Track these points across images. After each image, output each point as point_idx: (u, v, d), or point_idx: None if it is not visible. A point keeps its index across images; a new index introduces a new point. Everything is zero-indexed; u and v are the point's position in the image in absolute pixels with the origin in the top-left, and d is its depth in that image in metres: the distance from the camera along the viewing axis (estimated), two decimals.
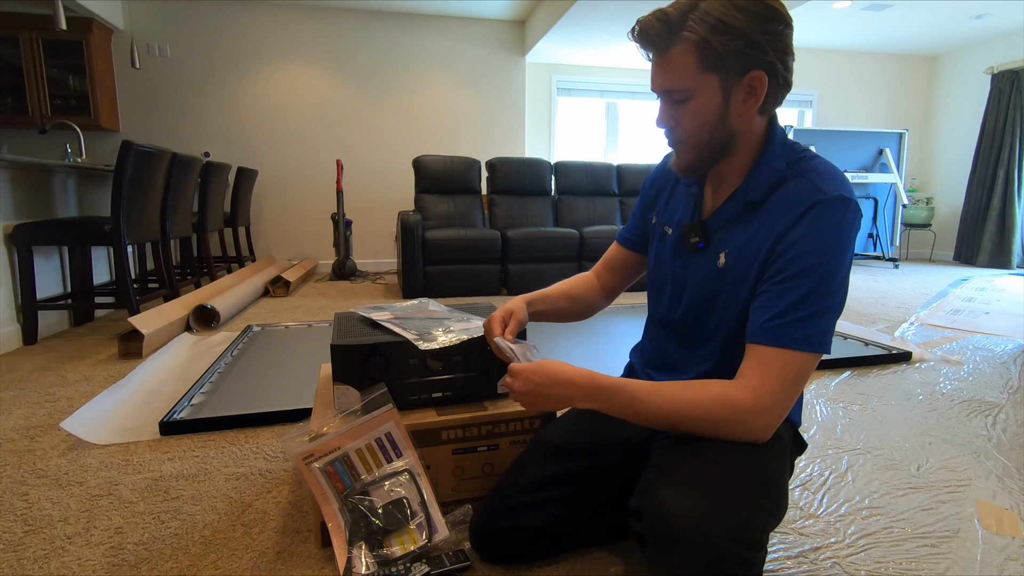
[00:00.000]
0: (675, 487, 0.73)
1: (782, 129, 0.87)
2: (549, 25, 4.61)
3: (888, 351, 2.32)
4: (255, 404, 1.73)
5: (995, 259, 5.63)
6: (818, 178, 0.80)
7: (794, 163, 0.84)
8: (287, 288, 3.89)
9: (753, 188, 0.85)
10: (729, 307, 0.87)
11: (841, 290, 0.79)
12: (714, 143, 0.83)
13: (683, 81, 0.79)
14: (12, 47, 4.11)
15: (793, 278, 0.77)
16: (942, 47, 6.11)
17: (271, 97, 4.96)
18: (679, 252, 0.95)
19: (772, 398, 0.76)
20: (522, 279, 3.96)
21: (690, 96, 0.79)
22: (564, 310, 1.12)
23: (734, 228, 0.87)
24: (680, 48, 0.77)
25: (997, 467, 1.38)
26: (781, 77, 0.79)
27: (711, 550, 0.67)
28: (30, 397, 1.85)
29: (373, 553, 0.92)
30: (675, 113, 0.82)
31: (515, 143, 5.51)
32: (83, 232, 2.54)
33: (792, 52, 0.79)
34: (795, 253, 0.78)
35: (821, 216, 0.77)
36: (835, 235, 0.77)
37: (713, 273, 0.89)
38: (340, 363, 1.04)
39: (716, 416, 0.78)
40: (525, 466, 1.01)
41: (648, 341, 1.07)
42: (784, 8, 0.78)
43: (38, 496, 1.23)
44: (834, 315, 0.79)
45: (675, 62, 0.78)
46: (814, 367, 0.79)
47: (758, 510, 0.73)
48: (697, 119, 0.81)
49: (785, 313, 0.77)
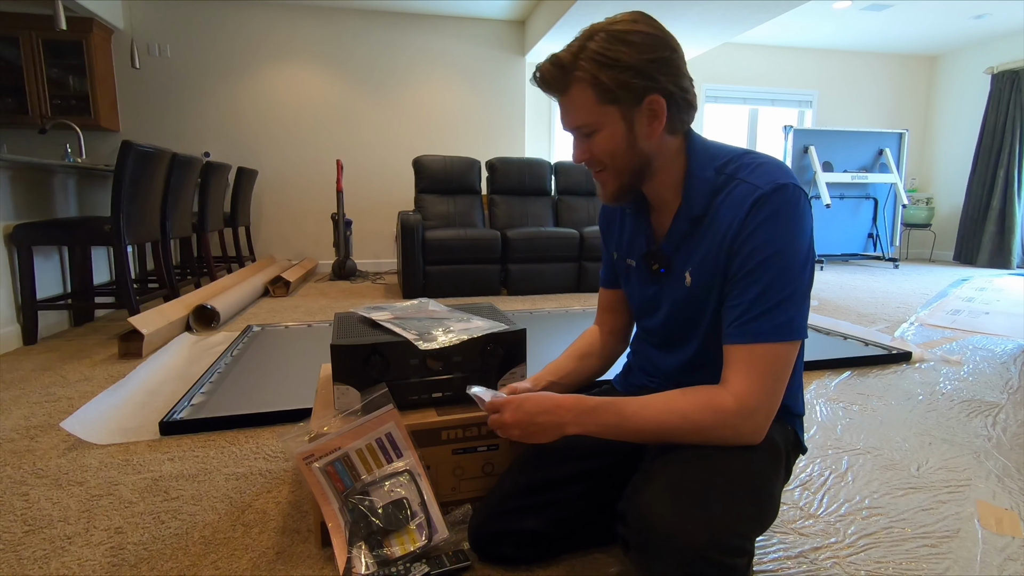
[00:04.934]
0: (657, 492, 0.74)
1: (700, 139, 0.89)
2: (549, 25, 4.61)
3: (888, 351, 2.32)
4: (255, 404, 1.73)
5: (995, 259, 5.63)
6: (751, 175, 0.82)
7: (723, 167, 0.86)
8: (287, 288, 3.89)
9: (691, 203, 0.87)
10: (704, 316, 0.89)
11: (802, 274, 0.80)
12: (631, 168, 0.86)
13: (586, 116, 0.83)
14: (12, 47, 4.11)
15: (751, 274, 0.79)
16: (942, 47, 6.12)
17: (271, 97, 4.96)
18: (648, 279, 0.97)
19: (755, 397, 0.78)
20: (522, 279, 3.96)
21: (596, 129, 0.84)
22: (576, 370, 1.10)
23: (688, 245, 0.89)
24: (576, 88, 0.82)
25: (997, 467, 1.38)
26: (679, 98, 0.83)
27: (689, 555, 0.67)
28: (30, 397, 1.85)
29: (373, 553, 0.92)
30: (587, 146, 0.86)
31: (515, 143, 5.51)
32: (83, 232, 2.54)
33: (685, 74, 0.83)
34: (748, 250, 0.80)
35: (763, 209, 0.79)
36: (781, 223, 0.79)
37: (683, 293, 0.91)
38: (340, 363, 1.04)
39: (703, 423, 0.79)
40: (523, 468, 1.01)
41: (637, 346, 1.10)
42: (668, 35, 0.82)
43: (38, 496, 1.23)
44: (800, 300, 0.80)
45: (575, 101, 0.83)
46: (792, 356, 0.80)
47: (740, 515, 0.73)
48: (607, 148, 0.85)
49: (750, 309, 0.79)
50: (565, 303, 3.62)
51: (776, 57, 6.13)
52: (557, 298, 3.83)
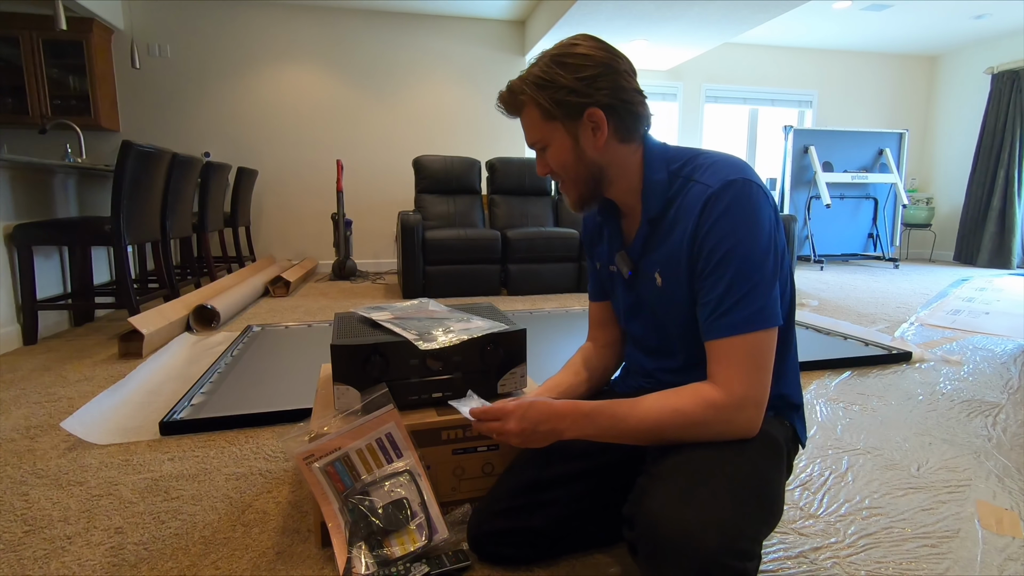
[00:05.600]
0: (665, 496, 0.73)
1: (658, 144, 0.93)
2: (549, 25, 4.61)
3: (888, 351, 2.32)
4: (255, 404, 1.73)
5: (995, 259, 5.63)
6: (703, 175, 0.86)
7: (678, 170, 0.90)
8: (287, 288, 3.89)
9: (648, 206, 0.91)
10: (679, 316, 0.91)
11: (766, 263, 0.81)
12: (584, 177, 0.92)
13: (536, 134, 0.91)
14: (12, 47, 4.11)
15: (715, 270, 0.82)
16: (942, 47, 6.12)
17: (271, 97, 4.96)
18: (626, 285, 1.00)
19: (743, 387, 0.79)
20: (522, 279, 3.96)
21: (546, 144, 0.91)
22: (574, 384, 1.10)
23: (651, 248, 0.93)
24: (526, 109, 0.91)
25: (997, 467, 1.38)
26: (621, 109, 0.87)
27: (701, 561, 0.67)
28: (30, 397, 1.85)
29: (373, 553, 0.92)
30: (544, 160, 0.94)
31: (515, 143, 5.51)
32: (83, 232, 2.54)
33: (626, 87, 0.87)
34: (708, 248, 0.83)
35: (715, 206, 0.82)
36: (736, 217, 0.81)
37: (656, 294, 0.94)
38: (340, 363, 1.04)
39: (697, 419, 0.80)
40: (525, 467, 1.01)
41: (630, 348, 1.11)
42: (609, 54, 0.87)
43: (38, 496, 1.23)
44: (768, 288, 0.81)
45: (526, 120, 0.92)
46: (771, 343, 0.82)
47: (749, 519, 0.73)
48: (559, 161, 0.91)
49: (720, 304, 0.82)
50: (565, 303, 3.62)
51: (776, 57, 6.13)
52: (557, 298, 3.83)
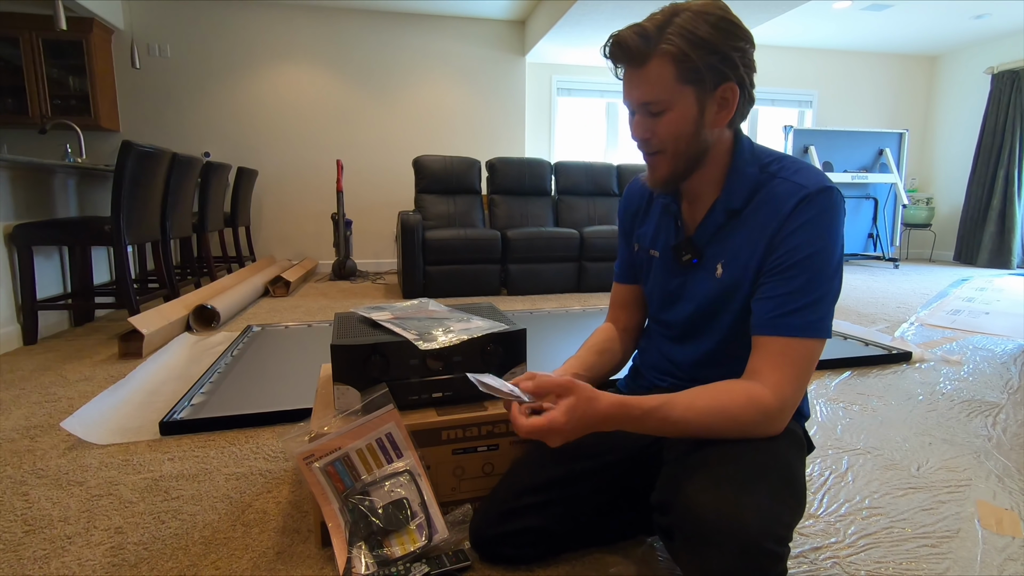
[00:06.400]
0: (706, 483, 0.74)
1: (747, 139, 0.90)
2: (549, 25, 4.61)
3: (888, 351, 2.32)
4: (255, 404, 1.73)
5: (995, 259, 5.63)
6: (796, 175, 0.84)
7: (766, 167, 0.88)
8: (287, 288, 3.89)
9: (732, 196, 0.88)
10: (730, 310, 0.90)
11: (836, 276, 0.82)
12: (689, 154, 0.85)
13: (661, 93, 0.81)
14: (12, 47, 4.11)
15: (790, 269, 0.81)
16: (942, 47, 6.11)
17: (271, 97, 4.96)
18: (674, 271, 0.97)
19: (791, 391, 0.80)
20: (522, 279, 3.96)
21: (667, 108, 0.81)
22: (598, 364, 1.07)
23: (722, 238, 0.90)
24: (657, 61, 0.79)
25: (997, 467, 1.38)
26: (748, 92, 0.84)
27: (743, 544, 0.67)
28: (30, 397, 1.85)
29: (373, 553, 0.92)
30: (651, 125, 0.84)
31: (515, 143, 5.51)
32: (83, 232, 2.54)
33: (756, 69, 0.84)
34: (789, 247, 0.81)
35: (808, 209, 0.81)
36: (824, 225, 0.81)
37: (713, 285, 0.91)
38: (340, 363, 1.04)
39: (745, 420, 0.80)
40: (525, 468, 1.01)
41: (649, 343, 1.09)
42: (747, 29, 0.82)
43: (38, 496, 1.23)
44: (832, 301, 0.82)
45: (652, 74, 0.80)
46: (820, 353, 0.82)
47: (785, 506, 0.74)
48: (674, 130, 0.83)
49: (785, 303, 0.80)
50: (565, 303, 3.62)
51: (776, 57, 6.13)
52: (557, 298, 3.83)
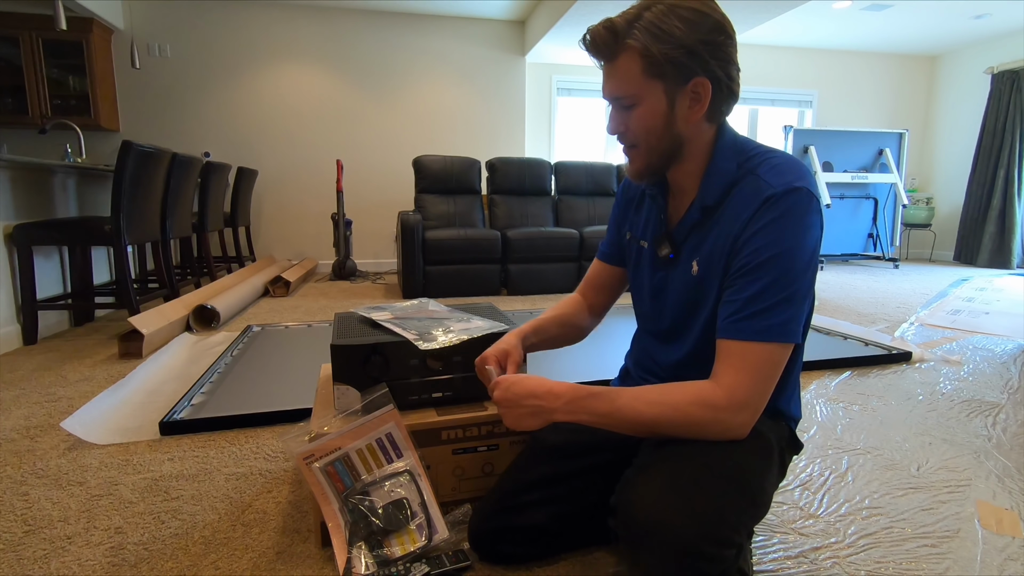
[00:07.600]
0: (648, 485, 0.74)
1: (732, 132, 0.89)
2: (549, 25, 4.61)
3: (888, 351, 2.32)
4: (255, 404, 1.73)
5: (995, 259, 5.63)
6: (768, 174, 0.82)
7: (745, 162, 0.86)
8: (287, 288, 3.89)
9: (707, 193, 0.87)
10: (705, 307, 0.89)
11: (803, 278, 0.80)
12: (663, 148, 0.85)
13: (629, 87, 0.81)
14: (12, 47, 4.10)
15: (753, 271, 0.79)
16: (942, 47, 6.11)
17: (271, 97, 4.96)
18: (656, 265, 0.97)
19: (745, 393, 0.78)
20: (522, 279, 3.96)
21: (636, 102, 0.82)
22: (557, 337, 1.11)
23: (698, 235, 0.89)
24: (625, 56, 0.80)
25: (997, 467, 1.38)
26: (725, 86, 0.82)
27: (678, 547, 0.68)
28: (30, 397, 1.85)
29: (373, 553, 0.92)
30: (624, 119, 0.85)
31: (515, 143, 5.51)
32: (83, 232, 2.54)
33: (735, 63, 0.82)
34: (752, 248, 0.80)
35: (771, 210, 0.79)
36: (789, 226, 0.79)
37: (690, 282, 0.91)
38: (340, 363, 1.04)
39: (693, 417, 0.79)
40: (523, 466, 1.01)
41: (637, 341, 1.10)
42: (726, 20, 0.80)
43: (38, 496, 1.23)
44: (799, 303, 0.79)
45: (621, 69, 0.81)
46: (784, 357, 0.80)
47: (730, 508, 0.74)
48: (644, 124, 0.83)
49: (746, 306, 0.79)
50: None
51: (776, 57, 6.13)
52: (557, 298, 3.83)
